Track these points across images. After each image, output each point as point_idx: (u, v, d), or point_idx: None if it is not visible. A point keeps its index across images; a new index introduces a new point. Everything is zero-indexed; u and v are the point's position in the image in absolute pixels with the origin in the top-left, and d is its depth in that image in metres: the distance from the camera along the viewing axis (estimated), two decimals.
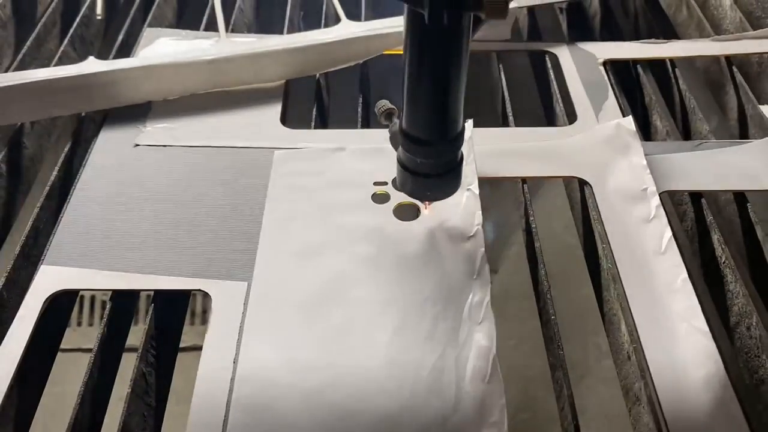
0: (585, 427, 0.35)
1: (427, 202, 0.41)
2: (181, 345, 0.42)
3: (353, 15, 0.57)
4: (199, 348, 0.36)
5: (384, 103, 0.39)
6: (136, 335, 0.39)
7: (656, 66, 0.58)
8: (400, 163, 0.37)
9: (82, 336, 0.83)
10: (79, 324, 0.87)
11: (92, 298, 0.89)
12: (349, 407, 0.34)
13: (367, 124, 0.52)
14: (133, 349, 0.39)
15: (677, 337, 0.36)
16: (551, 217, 0.69)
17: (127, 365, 0.38)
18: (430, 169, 0.36)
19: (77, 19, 0.60)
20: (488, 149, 0.46)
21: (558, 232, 0.70)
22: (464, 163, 0.36)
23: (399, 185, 0.38)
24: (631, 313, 0.38)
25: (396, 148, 0.37)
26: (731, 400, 0.34)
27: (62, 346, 0.41)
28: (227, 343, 0.36)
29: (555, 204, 0.66)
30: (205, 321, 0.38)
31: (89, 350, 0.37)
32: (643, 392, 0.35)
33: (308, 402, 0.34)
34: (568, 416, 0.35)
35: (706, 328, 0.37)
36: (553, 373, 0.38)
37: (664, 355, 0.36)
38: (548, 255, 0.42)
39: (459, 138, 0.35)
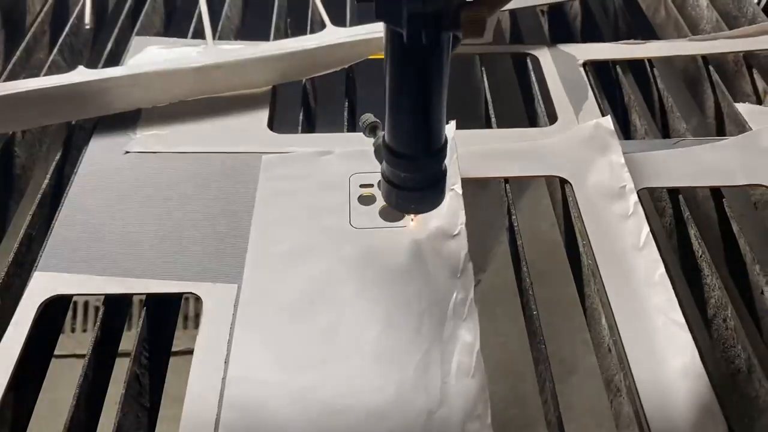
0: (573, 421, 0.36)
1: (413, 215, 0.41)
2: (174, 349, 0.43)
3: (338, 21, 0.58)
4: (191, 352, 0.37)
5: (368, 117, 0.39)
6: (129, 340, 0.40)
7: (635, 66, 0.59)
8: (384, 177, 0.37)
9: (76, 342, 0.84)
10: (73, 330, 0.88)
11: (85, 305, 0.89)
12: (338, 404, 0.34)
13: (353, 128, 0.53)
14: (126, 354, 0.39)
15: (655, 329, 0.38)
16: (537, 217, 0.70)
17: (121, 371, 0.39)
18: (413, 183, 0.36)
19: (66, 29, 0.61)
20: (471, 150, 0.47)
21: (544, 231, 0.71)
22: (448, 164, 0.37)
23: (384, 198, 0.38)
24: (611, 307, 0.39)
25: (380, 162, 0.37)
26: (707, 389, 0.35)
27: (56, 352, 0.41)
28: (218, 344, 0.37)
29: (541, 204, 0.67)
30: (196, 326, 0.38)
31: (83, 356, 0.38)
32: (623, 383, 0.36)
33: (298, 400, 0.35)
34: (551, 409, 0.36)
35: (683, 321, 0.38)
36: (536, 367, 0.39)
37: (642, 347, 0.37)
38: (535, 254, 0.43)
39: (441, 151, 0.35)
